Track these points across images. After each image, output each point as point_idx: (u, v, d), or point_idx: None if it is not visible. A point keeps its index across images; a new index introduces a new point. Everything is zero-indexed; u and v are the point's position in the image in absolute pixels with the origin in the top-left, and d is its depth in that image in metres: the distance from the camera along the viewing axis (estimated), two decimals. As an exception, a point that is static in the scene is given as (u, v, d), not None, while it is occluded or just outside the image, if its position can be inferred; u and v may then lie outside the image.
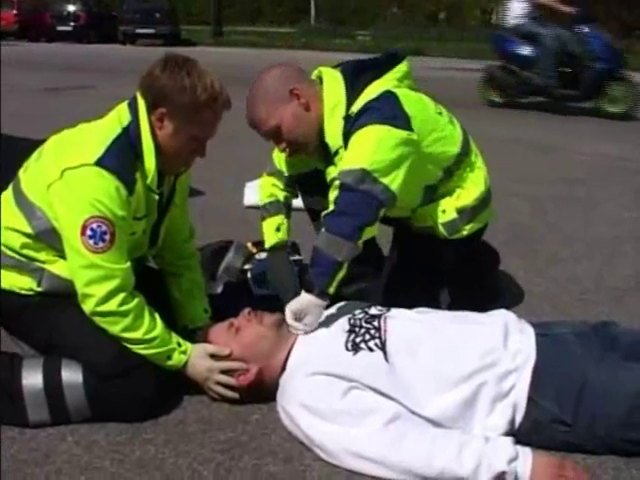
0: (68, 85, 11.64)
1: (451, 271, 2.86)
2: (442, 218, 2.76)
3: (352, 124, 2.55)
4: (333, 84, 2.67)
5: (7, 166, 2.77)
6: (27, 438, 2.16)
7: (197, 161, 2.40)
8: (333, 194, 2.50)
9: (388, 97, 2.58)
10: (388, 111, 2.53)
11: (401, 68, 2.71)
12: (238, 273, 3.11)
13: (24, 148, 2.57)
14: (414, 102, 2.65)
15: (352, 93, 2.61)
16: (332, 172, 2.68)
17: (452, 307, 2.79)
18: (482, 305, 2.64)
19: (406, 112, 2.57)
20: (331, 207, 2.47)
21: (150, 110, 2.23)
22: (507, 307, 2.73)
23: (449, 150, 2.72)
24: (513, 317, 2.34)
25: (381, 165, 2.45)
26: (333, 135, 2.63)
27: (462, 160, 2.76)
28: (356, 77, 2.66)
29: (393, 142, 2.48)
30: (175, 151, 2.28)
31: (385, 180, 2.45)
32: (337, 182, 2.48)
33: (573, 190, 5.75)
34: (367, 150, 2.47)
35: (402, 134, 2.51)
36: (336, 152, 2.64)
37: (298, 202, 3.03)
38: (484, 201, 2.83)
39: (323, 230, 2.43)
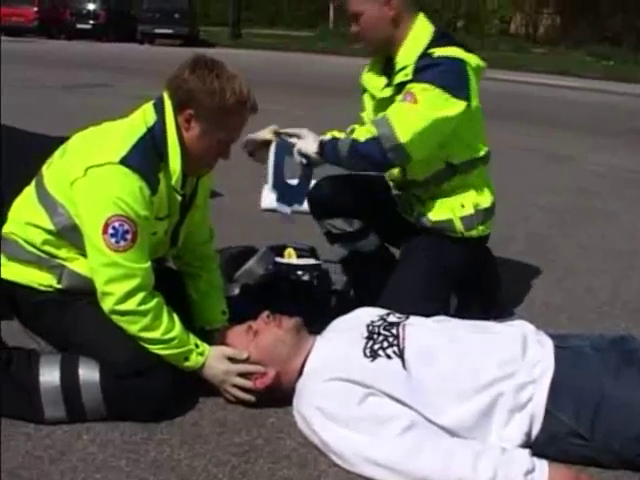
0: (86, 83, 11.69)
1: (460, 273, 2.91)
2: (461, 212, 2.85)
3: (424, 67, 2.66)
4: (425, 24, 2.81)
5: (18, 160, 2.78)
6: (43, 435, 2.16)
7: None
8: (372, 128, 2.66)
9: (461, 64, 2.69)
10: (453, 79, 2.65)
11: (480, 62, 2.81)
12: (258, 277, 3.09)
13: (47, 144, 2.57)
14: (474, 88, 2.75)
15: (436, 41, 2.73)
16: (381, 85, 2.88)
17: (460, 310, 2.87)
18: (489, 309, 2.66)
19: (471, 83, 2.70)
20: (362, 137, 2.65)
21: (177, 111, 2.24)
22: (523, 317, 2.73)
23: (481, 145, 2.87)
24: (532, 328, 2.33)
25: (417, 144, 2.63)
26: (405, 57, 2.74)
27: (483, 163, 2.89)
28: (444, 36, 2.80)
29: (442, 119, 2.63)
30: (201, 153, 2.29)
31: (411, 152, 2.64)
32: (378, 130, 2.62)
33: (590, 201, 5.74)
34: (414, 122, 2.61)
35: (458, 107, 2.65)
36: (401, 69, 2.74)
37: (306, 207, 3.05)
38: (493, 208, 2.95)
39: (350, 139, 2.68)
